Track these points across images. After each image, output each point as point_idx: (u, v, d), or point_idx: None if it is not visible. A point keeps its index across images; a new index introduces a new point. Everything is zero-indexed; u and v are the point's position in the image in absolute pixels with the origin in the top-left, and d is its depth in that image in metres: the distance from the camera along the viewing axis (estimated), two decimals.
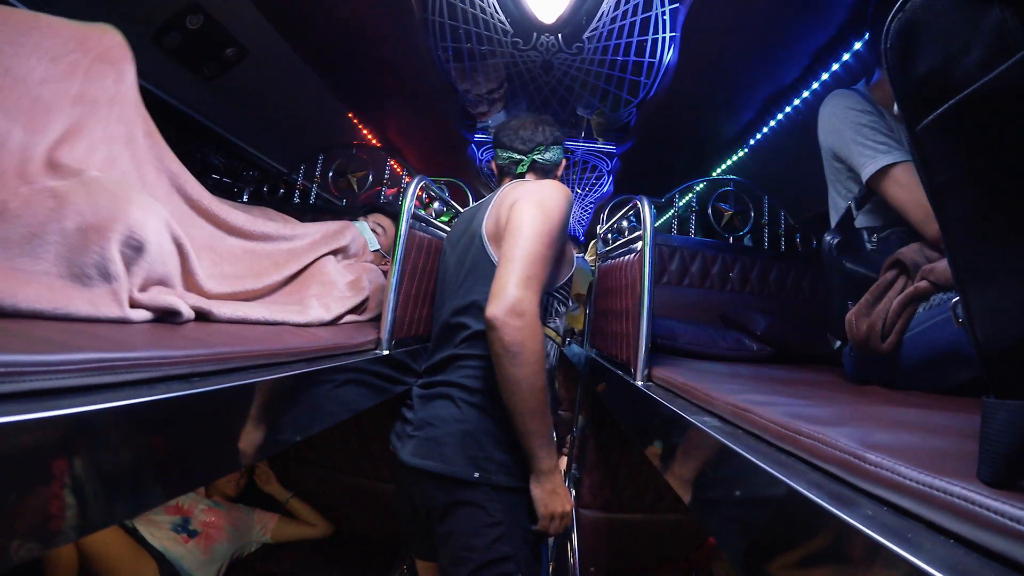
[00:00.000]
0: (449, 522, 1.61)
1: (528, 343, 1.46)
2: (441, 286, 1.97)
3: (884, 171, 1.56)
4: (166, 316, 1.12)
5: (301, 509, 3.11)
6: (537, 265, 1.54)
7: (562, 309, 1.87)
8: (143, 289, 1.08)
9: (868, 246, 1.63)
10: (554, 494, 1.61)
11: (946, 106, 0.53)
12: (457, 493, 1.60)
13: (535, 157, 2.05)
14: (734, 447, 0.91)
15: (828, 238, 1.67)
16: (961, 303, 0.60)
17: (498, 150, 2.11)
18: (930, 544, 0.53)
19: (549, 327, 1.80)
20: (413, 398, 1.79)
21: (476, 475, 1.58)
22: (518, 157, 2.06)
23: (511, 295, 1.46)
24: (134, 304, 1.03)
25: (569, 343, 3.94)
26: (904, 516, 0.60)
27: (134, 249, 1.04)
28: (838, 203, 1.79)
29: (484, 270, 1.72)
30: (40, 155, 1.07)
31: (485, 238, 1.78)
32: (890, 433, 0.78)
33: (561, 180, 2.09)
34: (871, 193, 1.62)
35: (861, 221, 1.69)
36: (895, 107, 1.61)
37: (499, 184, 2.11)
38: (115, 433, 0.69)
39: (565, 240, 1.77)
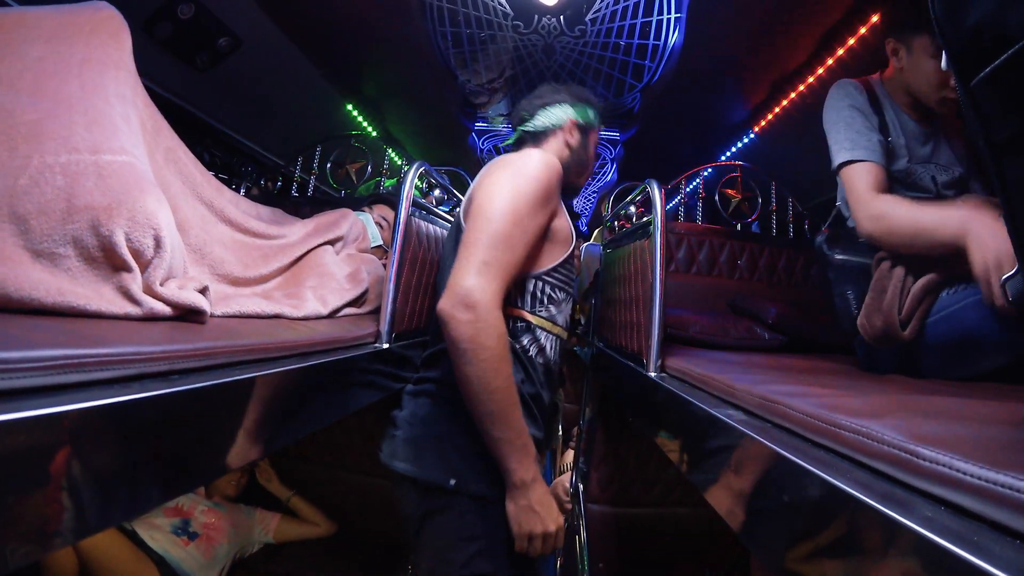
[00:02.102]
0: (424, 533, 1.49)
1: (478, 338, 1.31)
2: (439, 276, 1.78)
3: (842, 166, 1.62)
4: (189, 314, 1.11)
5: (303, 508, 3.06)
6: (498, 248, 1.39)
7: (559, 295, 1.66)
8: (162, 283, 1.06)
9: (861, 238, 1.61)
10: (529, 511, 1.41)
11: (1004, 57, 0.48)
12: (432, 501, 1.48)
13: (523, 128, 1.87)
14: (766, 442, 0.86)
15: (819, 238, 1.73)
16: (1017, 276, 0.54)
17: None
18: (999, 548, 0.48)
19: (540, 316, 1.61)
20: (403, 394, 1.67)
21: (452, 482, 1.45)
22: (511, 136, 1.95)
23: (461, 285, 1.34)
24: (155, 297, 1.03)
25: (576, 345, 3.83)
26: (966, 517, 0.54)
27: (147, 239, 1.01)
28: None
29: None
30: (49, 119, 1.02)
31: (463, 219, 1.59)
32: (939, 424, 0.72)
33: (578, 147, 1.86)
34: None
35: None
36: (907, 96, 1.66)
37: None
38: (82, 437, 0.63)
39: (550, 215, 1.59)
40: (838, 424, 0.77)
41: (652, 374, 1.60)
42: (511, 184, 1.50)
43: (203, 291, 1.14)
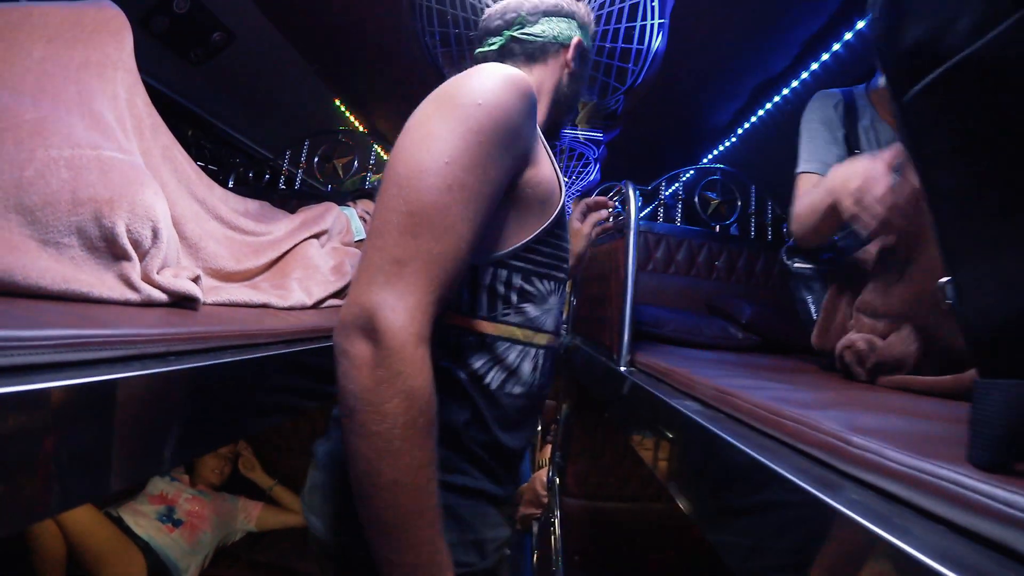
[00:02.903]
0: None
1: (375, 394, 0.75)
2: None
3: (798, 176, 1.71)
4: (183, 301, 1.14)
5: (285, 497, 3.11)
6: (418, 235, 0.80)
7: (543, 286, 1.07)
8: (158, 271, 1.10)
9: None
10: None
11: (936, 73, 0.51)
12: (320, 555, 1.06)
13: (513, 32, 1.26)
14: (716, 431, 0.91)
15: (783, 248, 1.76)
16: (950, 282, 0.58)
17: (477, 46, 1.35)
18: (919, 530, 0.52)
19: (506, 322, 1.03)
20: (331, 420, 1.18)
21: (337, 536, 1.01)
22: (492, 40, 1.30)
23: (357, 303, 0.78)
24: (152, 285, 1.07)
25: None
26: (891, 501, 0.59)
27: (146, 230, 1.05)
28: None
29: None
30: (51, 119, 1.06)
31: None
32: (876, 417, 0.78)
33: (577, 76, 1.34)
34: None
35: None
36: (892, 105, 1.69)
37: None
38: (90, 409, 0.69)
39: (518, 164, 0.96)
40: (782, 414, 0.82)
41: (622, 368, 1.64)
42: (444, 120, 0.86)
43: (195, 280, 1.19)
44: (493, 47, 1.28)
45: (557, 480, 3.09)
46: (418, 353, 0.77)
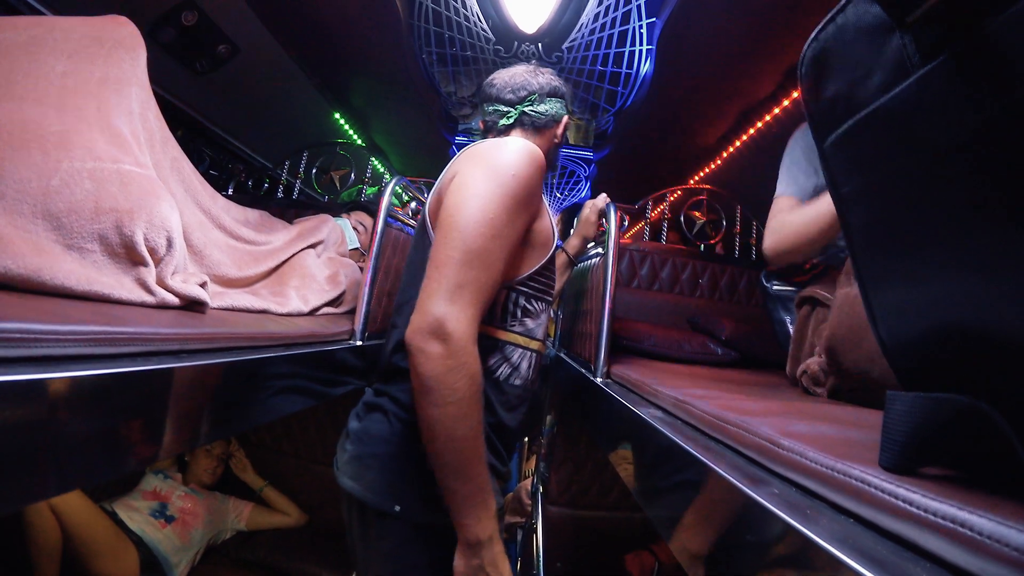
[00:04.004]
0: (368, 557, 1.36)
1: (448, 378, 1.10)
2: (404, 283, 1.53)
3: (776, 198, 1.79)
4: (192, 304, 1.25)
5: (275, 498, 3.17)
6: (474, 267, 1.16)
7: (537, 305, 1.43)
8: (171, 275, 1.21)
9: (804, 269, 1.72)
10: (480, 573, 1.21)
11: (848, 124, 0.59)
12: (376, 525, 1.32)
13: (525, 108, 1.61)
14: (671, 435, 0.99)
15: (764, 272, 1.85)
16: (864, 305, 0.66)
17: (484, 104, 1.68)
18: (827, 520, 0.58)
19: (513, 331, 1.40)
20: (360, 403, 1.47)
21: (397, 508, 1.28)
22: (504, 109, 1.63)
23: (431, 313, 1.11)
24: (166, 289, 1.18)
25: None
26: (810, 497, 0.65)
27: (162, 239, 1.15)
28: None
29: (425, 260, 1.25)
30: (74, 132, 1.14)
31: (427, 218, 1.41)
32: (809, 424, 0.84)
33: (560, 145, 1.72)
34: None
35: None
36: None
37: None
38: (115, 396, 0.80)
39: (532, 218, 1.35)
40: (726, 420, 0.91)
41: (598, 379, 1.71)
42: (489, 185, 1.23)
43: (203, 285, 1.29)
44: (509, 121, 1.62)
45: (541, 488, 3.15)
46: (474, 350, 1.15)
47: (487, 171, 1.26)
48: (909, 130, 0.53)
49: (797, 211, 1.58)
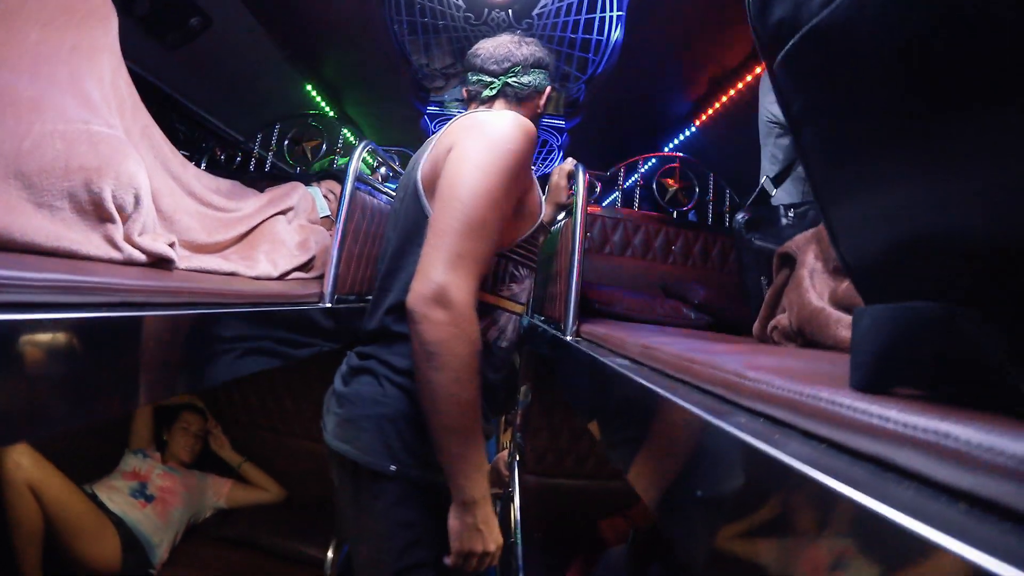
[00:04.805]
0: (361, 517, 1.39)
1: (451, 343, 1.15)
2: (384, 245, 1.60)
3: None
4: (159, 262, 1.27)
5: (254, 474, 3.17)
6: (473, 237, 1.20)
7: (522, 272, 1.52)
8: (139, 234, 1.23)
9: (784, 220, 1.70)
10: (474, 531, 1.28)
11: (792, 41, 0.57)
12: (369, 485, 1.36)
13: (508, 79, 1.63)
14: (636, 378, 0.99)
15: (739, 216, 1.82)
16: (824, 222, 0.65)
17: (468, 74, 1.68)
18: (796, 444, 0.55)
19: (501, 295, 1.47)
20: (345, 367, 1.51)
21: (392, 468, 1.32)
22: (488, 79, 1.64)
23: (433, 280, 1.16)
24: (133, 246, 1.19)
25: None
26: (777, 425, 0.63)
27: (129, 196, 1.18)
28: (766, 168, 1.88)
29: (420, 227, 1.33)
30: (46, 97, 1.16)
31: (420, 186, 1.42)
32: (778, 359, 0.84)
33: (542, 117, 1.77)
34: (789, 169, 1.72)
35: (780, 197, 1.78)
36: None
37: None
38: (76, 345, 0.81)
39: (524, 189, 1.41)
40: (694, 360, 0.90)
41: (568, 338, 1.72)
42: (488, 157, 1.27)
43: (171, 245, 1.30)
44: (492, 91, 1.64)
45: (518, 457, 3.17)
46: (474, 316, 1.20)
47: (486, 143, 1.30)
48: (853, 37, 0.52)
49: None
